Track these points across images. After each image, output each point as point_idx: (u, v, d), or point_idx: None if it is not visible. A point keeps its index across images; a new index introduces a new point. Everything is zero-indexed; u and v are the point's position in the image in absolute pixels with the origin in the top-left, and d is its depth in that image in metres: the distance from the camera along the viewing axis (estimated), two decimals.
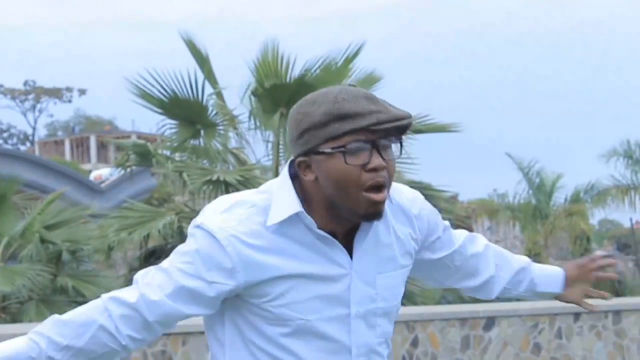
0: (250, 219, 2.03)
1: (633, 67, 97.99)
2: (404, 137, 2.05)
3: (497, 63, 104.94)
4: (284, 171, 2.09)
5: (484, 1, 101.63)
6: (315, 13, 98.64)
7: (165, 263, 2.06)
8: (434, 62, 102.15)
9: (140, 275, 2.08)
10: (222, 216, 2.04)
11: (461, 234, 2.40)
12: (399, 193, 2.20)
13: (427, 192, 11.27)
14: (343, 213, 2.02)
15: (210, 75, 11.32)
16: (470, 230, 2.80)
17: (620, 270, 22.52)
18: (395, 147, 2.01)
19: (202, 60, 11.34)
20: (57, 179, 23.09)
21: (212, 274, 2.01)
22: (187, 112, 10.94)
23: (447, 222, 2.33)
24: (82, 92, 57.32)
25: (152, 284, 2.03)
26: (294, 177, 2.07)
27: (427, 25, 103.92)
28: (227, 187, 10.13)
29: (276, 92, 10.57)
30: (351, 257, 2.09)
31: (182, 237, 10.36)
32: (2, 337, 6.00)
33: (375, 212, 2.01)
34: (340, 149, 1.96)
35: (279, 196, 2.04)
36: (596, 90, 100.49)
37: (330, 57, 10.84)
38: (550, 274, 2.52)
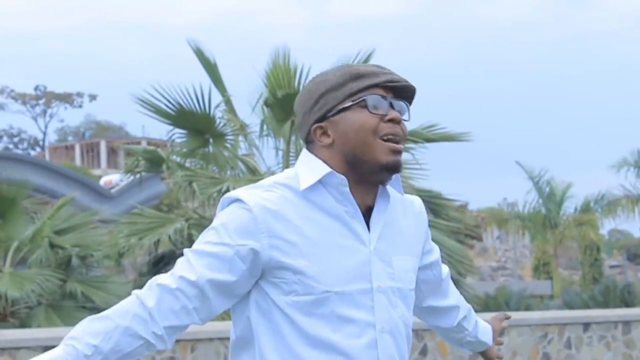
0: (276, 187, 2.05)
1: None
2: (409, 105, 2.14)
3: (506, 71, 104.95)
4: (304, 150, 2.13)
5: (493, 9, 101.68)
6: (324, 21, 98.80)
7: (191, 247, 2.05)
8: (444, 70, 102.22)
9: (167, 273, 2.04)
10: (248, 189, 2.07)
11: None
12: (407, 195, 2.27)
13: (437, 200, 11.26)
14: (364, 168, 2.05)
15: (219, 83, 11.33)
16: (480, 239, 2.82)
17: (630, 281, 22.44)
18: (405, 112, 2.12)
19: (211, 68, 11.35)
20: (67, 184, 23.15)
21: (236, 237, 1.99)
22: (195, 123, 10.95)
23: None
24: (93, 97, 57.38)
25: (183, 267, 2.01)
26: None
27: (436, 33, 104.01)
28: None
29: (288, 100, 10.57)
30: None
31: (191, 243, 10.36)
32: (11, 342, 6.01)
33: (395, 162, 2.05)
34: (361, 101, 2.05)
35: (305, 166, 2.09)
36: (607, 100, 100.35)
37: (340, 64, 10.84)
38: (485, 326, 2.59)
